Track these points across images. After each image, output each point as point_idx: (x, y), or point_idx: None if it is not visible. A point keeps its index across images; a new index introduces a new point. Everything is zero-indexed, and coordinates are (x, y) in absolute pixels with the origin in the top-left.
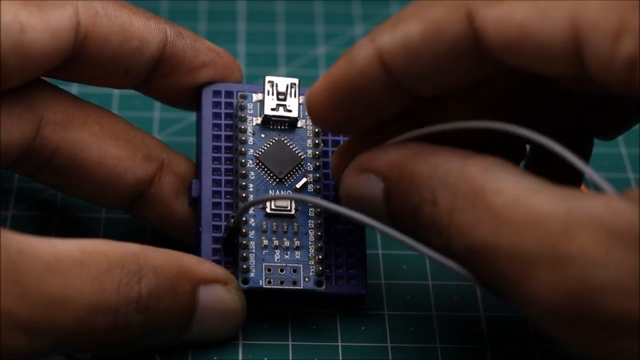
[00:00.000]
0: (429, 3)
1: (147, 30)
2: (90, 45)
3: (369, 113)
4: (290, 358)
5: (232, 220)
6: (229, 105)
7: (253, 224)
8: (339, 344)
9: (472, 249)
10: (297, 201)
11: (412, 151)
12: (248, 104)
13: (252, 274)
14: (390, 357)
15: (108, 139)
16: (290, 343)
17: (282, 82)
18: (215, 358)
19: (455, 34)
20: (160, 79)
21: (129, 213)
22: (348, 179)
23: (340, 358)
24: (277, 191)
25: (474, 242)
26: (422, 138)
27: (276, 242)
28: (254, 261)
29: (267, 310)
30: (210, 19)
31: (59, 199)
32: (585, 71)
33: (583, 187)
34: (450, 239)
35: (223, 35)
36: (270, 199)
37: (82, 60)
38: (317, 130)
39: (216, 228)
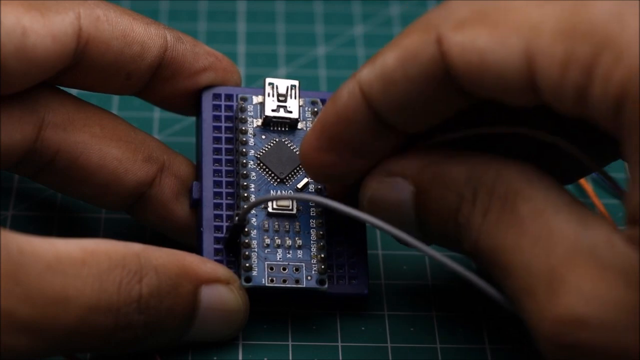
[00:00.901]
0: (404, 33)
1: (148, 35)
2: (92, 50)
3: (359, 154)
4: (290, 358)
5: (236, 218)
6: (228, 108)
7: (255, 223)
8: (339, 344)
9: (494, 251)
10: (299, 201)
11: (444, 154)
12: (248, 106)
13: (254, 273)
14: (390, 357)
15: (109, 140)
16: (290, 343)
17: (283, 84)
18: (215, 358)
19: (427, 58)
20: (161, 84)
21: (129, 214)
22: (372, 184)
23: (340, 358)
24: (279, 191)
25: (497, 245)
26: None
27: (278, 241)
28: (256, 260)
29: (267, 310)
30: (210, 19)
31: (59, 199)
32: (541, 99)
33: (607, 214)
34: (478, 238)
35: (223, 35)
36: (275, 199)
37: (84, 66)
38: None
39: (217, 229)
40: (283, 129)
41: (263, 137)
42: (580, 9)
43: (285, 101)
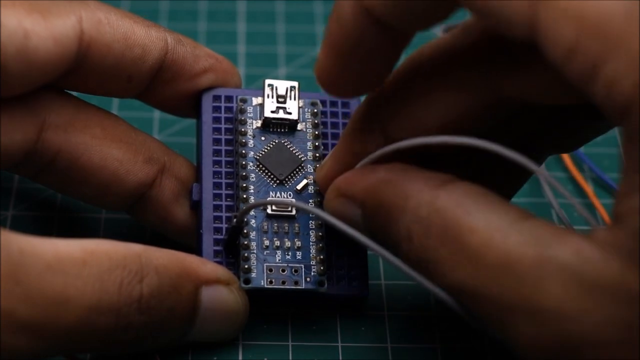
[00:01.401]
0: None
1: (149, 38)
2: (93, 53)
3: (367, 66)
4: (290, 358)
5: (234, 220)
6: (228, 109)
7: (254, 225)
8: (339, 344)
9: (452, 288)
10: (299, 201)
11: (387, 177)
12: (248, 108)
13: (253, 274)
14: (390, 358)
15: (110, 141)
16: (290, 343)
17: (282, 85)
18: (215, 358)
19: None
20: (162, 86)
21: (129, 215)
22: (328, 201)
23: (340, 358)
24: (278, 192)
25: (453, 283)
26: (403, 154)
27: (277, 243)
28: (255, 261)
29: (267, 310)
30: (210, 19)
31: (59, 199)
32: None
33: (605, 215)
34: (430, 276)
35: (223, 35)
36: (272, 203)
37: (85, 69)
38: (317, 132)
39: (217, 230)
40: (282, 130)
41: (262, 138)
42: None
43: (284, 102)
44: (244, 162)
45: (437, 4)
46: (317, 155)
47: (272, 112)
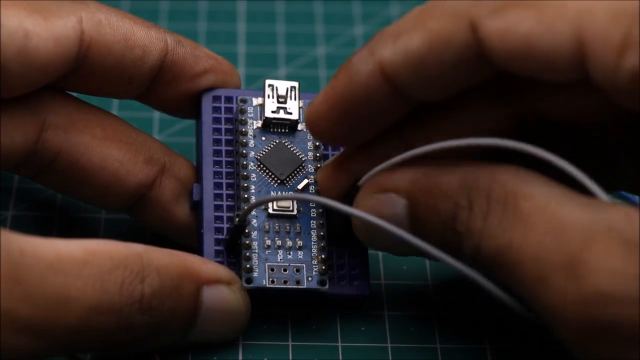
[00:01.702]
0: (430, 14)
1: (149, 39)
2: (94, 54)
3: (370, 124)
4: (290, 358)
5: (236, 219)
6: (228, 110)
7: (255, 225)
8: (339, 344)
9: (500, 251)
10: (300, 201)
11: (434, 165)
12: (248, 108)
13: (255, 274)
14: (390, 357)
15: (110, 142)
16: (290, 343)
17: (282, 86)
18: (215, 358)
19: (460, 44)
20: (162, 87)
21: (129, 215)
22: (363, 202)
23: (340, 358)
24: (279, 192)
25: (502, 244)
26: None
27: (279, 242)
28: (257, 261)
29: (267, 310)
30: (210, 19)
31: (59, 199)
32: (589, 80)
33: None
34: (480, 242)
35: (223, 35)
36: (276, 199)
37: (86, 70)
38: None
39: (218, 230)
40: (283, 130)
41: (263, 138)
42: None
43: (285, 103)
44: (244, 162)
45: (466, 79)
46: (318, 155)
47: (273, 112)
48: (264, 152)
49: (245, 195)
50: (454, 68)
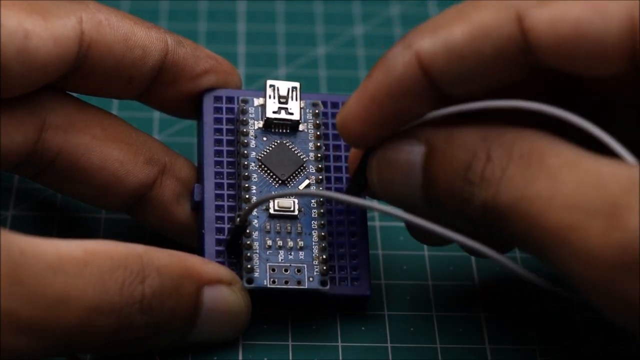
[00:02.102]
0: (474, 6)
1: (149, 39)
2: (94, 54)
3: (402, 121)
4: (290, 358)
5: (238, 219)
6: (230, 110)
7: (257, 225)
8: (339, 344)
9: (520, 202)
10: (301, 201)
11: (456, 121)
12: (249, 108)
13: (256, 274)
14: (390, 357)
15: (110, 142)
16: (290, 343)
17: (284, 86)
18: (215, 358)
19: (504, 35)
20: (163, 88)
21: (129, 215)
22: (386, 146)
23: (341, 358)
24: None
25: (524, 195)
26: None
27: (280, 243)
28: (258, 261)
29: (268, 310)
30: (210, 19)
31: (59, 199)
32: (638, 68)
33: None
34: (497, 192)
35: (223, 35)
36: (278, 197)
37: (86, 70)
38: (318, 133)
39: (219, 231)
40: (284, 130)
41: (264, 139)
42: None
43: (286, 103)
44: (246, 162)
45: (504, 76)
46: (319, 155)
47: (274, 112)
48: (265, 153)
49: (247, 196)
50: (495, 62)
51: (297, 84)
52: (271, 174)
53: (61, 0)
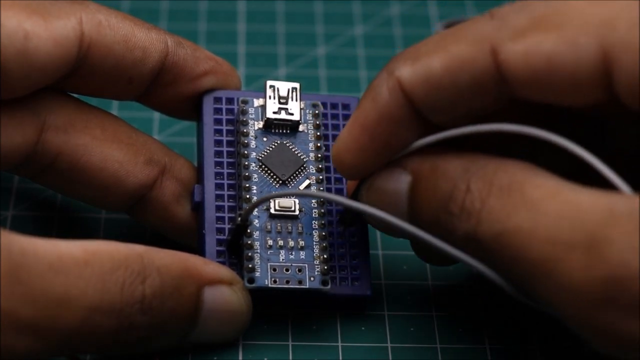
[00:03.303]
0: (453, 37)
1: (149, 40)
2: (94, 55)
3: (395, 148)
4: (291, 358)
5: (239, 219)
6: (229, 111)
7: (257, 225)
8: (339, 344)
9: (503, 235)
10: (302, 201)
11: (445, 151)
12: (249, 109)
13: (257, 274)
14: (390, 357)
15: (110, 142)
16: (290, 343)
17: (284, 87)
18: (215, 358)
19: (479, 68)
20: (163, 89)
21: (130, 215)
22: (376, 174)
23: (341, 358)
24: None
25: (506, 228)
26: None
27: (281, 242)
28: (259, 261)
29: (268, 310)
30: (210, 19)
31: (59, 199)
32: (613, 95)
33: None
34: (479, 224)
35: (223, 35)
36: (278, 196)
37: (86, 71)
38: (319, 133)
39: (220, 231)
40: (284, 131)
41: (264, 139)
42: None
43: (286, 103)
44: (246, 163)
45: (481, 106)
46: (319, 156)
47: (274, 112)
48: (265, 153)
49: (247, 196)
50: (471, 92)
51: (297, 85)
52: (271, 174)
53: (61, 1)
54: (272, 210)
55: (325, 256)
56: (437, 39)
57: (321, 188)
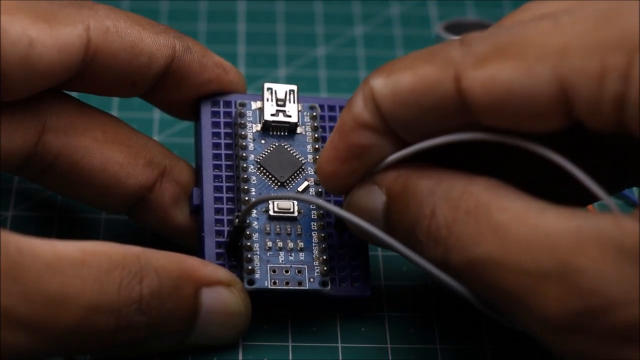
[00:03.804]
0: (424, 58)
1: (156, 46)
2: (99, 61)
3: (371, 157)
4: (290, 359)
5: (236, 220)
6: (227, 114)
7: (256, 227)
8: (339, 344)
9: (473, 263)
10: (300, 203)
11: (416, 167)
12: (247, 112)
13: (257, 275)
14: (390, 358)
15: (110, 144)
16: (290, 344)
17: (281, 89)
18: (215, 359)
19: (442, 92)
20: (164, 91)
21: (129, 217)
22: (356, 190)
23: (340, 359)
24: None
25: (475, 257)
26: (425, 154)
27: (280, 244)
28: (258, 262)
29: (267, 311)
30: (210, 19)
31: (59, 199)
32: (574, 120)
33: (590, 207)
34: (448, 252)
35: (223, 35)
36: (275, 198)
37: (90, 75)
38: (316, 135)
39: (219, 233)
40: (282, 133)
41: (262, 141)
42: (603, 23)
43: (284, 106)
44: (244, 165)
45: (443, 128)
46: (317, 157)
47: (272, 115)
48: (263, 155)
49: (246, 198)
50: (433, 115)
51: (294, 87)
52: (270, 176)
53: (70, 6)
54: (271, 212)
55: (324, 257)
56: (414, 55)
57: (319, 190)
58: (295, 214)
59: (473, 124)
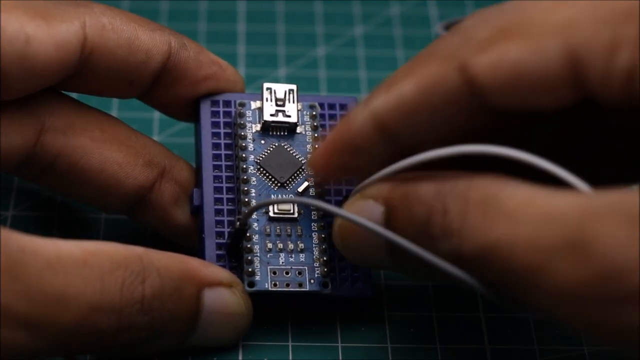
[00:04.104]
0: (421, 61)
1: (152, 43)
2: (96, 58)
3: (365, 167)
4: (291, 359)
5: (238, 223)
6: (227, 114)
7: (257, 228)
8: (339, 344)
9: (485, 249)
10: (300, 204)
11: (414, 175)
12: (247, 112)
13: (257, 277)
14: (390, 358)
15: (109, 144)
16: (290, 344)
17: (281, 89)
18: (215, 359)
19: (450, 85)
20: (162, 90)
21: (129, 217)
22: (349, 205)
23: (340, 358)
24: (280, 195)
25: (487, 243)
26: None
27: (280, 245)
28: (259, 264)
29: (268, 312)
30: (210, 19)
31: (59, 199)
32: (586, 94)
33: None
34: (461, 243)
35: (223, 35)
36: (276, 202)
37: (87, 73)
38: (316, 135)
39: (219, 234)
40: (282, 133)
41: (262, 142)
42: None
43: (283, 105)
44: (244, 166)
45: (459, 123)
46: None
47: (272, 115)
48: (263, 156)
49: (246, 199)
50: (445, 111)
51: (294, 87)
52: (270, 176)
53: (65, 4)
54: (271, 214)
55: (325, 258)
56: (408, 64)
57: (319, 191)
58: (296, 215)
59: (483, 113)
